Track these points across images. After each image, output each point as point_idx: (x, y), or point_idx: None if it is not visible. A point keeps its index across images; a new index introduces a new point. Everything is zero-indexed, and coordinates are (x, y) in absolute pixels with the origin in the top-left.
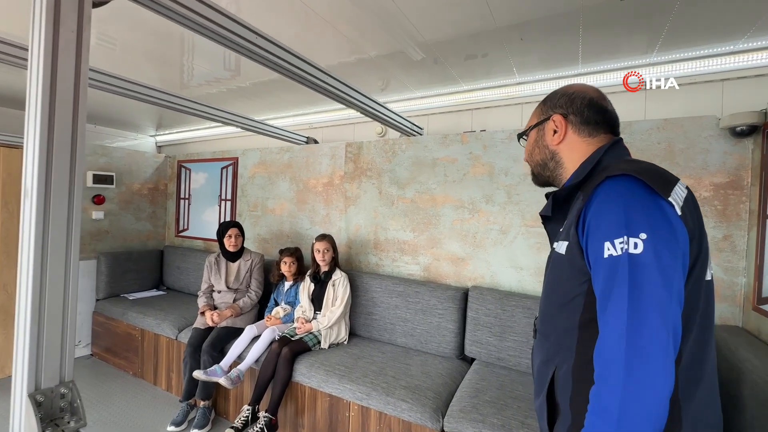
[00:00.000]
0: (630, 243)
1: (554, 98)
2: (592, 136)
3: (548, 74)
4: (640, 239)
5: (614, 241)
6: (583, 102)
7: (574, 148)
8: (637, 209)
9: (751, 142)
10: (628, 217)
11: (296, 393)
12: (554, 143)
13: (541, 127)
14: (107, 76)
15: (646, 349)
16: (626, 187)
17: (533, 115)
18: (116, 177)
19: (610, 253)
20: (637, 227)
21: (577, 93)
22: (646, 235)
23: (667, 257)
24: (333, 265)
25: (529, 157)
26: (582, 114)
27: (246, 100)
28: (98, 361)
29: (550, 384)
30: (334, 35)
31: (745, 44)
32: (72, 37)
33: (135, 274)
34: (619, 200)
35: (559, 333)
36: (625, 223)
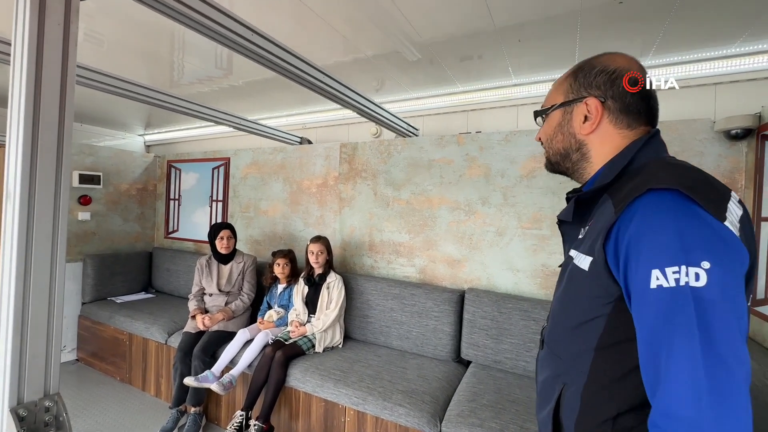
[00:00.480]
0: (690, 274)
1: (589, 73)
2: (630, 128)
3: (544, 76)
4: (702, 269)
5: (665, 270)
6: (621, 81)
7: (606, 140)
8: (694, 232)
9: (745, 145)
10: (683, 242)
11: (290, 398)
12: (584, 132)
13: (569, 108)
14: (94, 73)
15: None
16: (675, 204)
17: (557, 88)
18: (103, 177)
19: (660, 283)
20: (697, 254)
21: (619, 70)
22: (709, 263)
23: (734, 290)
24: (327, 267)
25: (548, 142)
26: (623, 99)
27: (238, 100)
28: (84, 367)
29: (557, 401)
30: (329, 33)
31: (738, 49)
32: (59, 30)
33: (123, 276)
34: (668, 220)
35: (572, 352)
36: (681, 249)
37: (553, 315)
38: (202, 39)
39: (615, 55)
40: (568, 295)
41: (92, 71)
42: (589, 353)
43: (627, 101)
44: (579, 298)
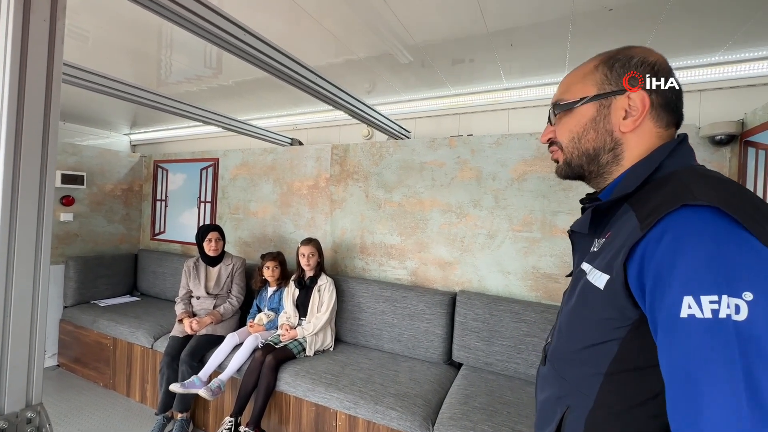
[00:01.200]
0: (730, 305)
1: (628, 63)
2: (667, 128)
3: (535, 81)
4: (743, 300)
5: (700, 299)
6: (669, 77)
7: (643, 139)
8: (736, 258)
9: (729, 151)
10: (724, 269)
11: (281, 403)
12: (625, 129)
13: (606, 102)
14: (78, 70)
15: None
16: (715, 224)
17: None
18: (87, 177)
19: (692, 313)
20: (740, 284)
21: (660, 63)
22: (752, 295)
23: None
24: (318, 269)
25: (575, 142)
26: (665, 94)
27: (228, 99)
28: (65, 373)
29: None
30: (321, 34)
31: (721, 57)
32: (44, 26)
33: (107, 279)
34: (706, 243)
35: (579, 375)
36: (722, 276)
37: (560, 332)
38: (190, 37)
39: (647, 48)
40: (578, 314)
41: (76, 68)
42: (597, 378)
43: (669, 96)
44: (590, 318)
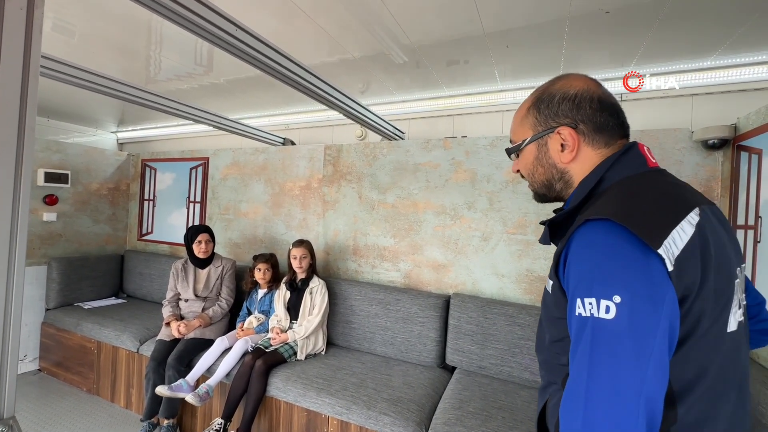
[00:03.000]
0: (601, 306)
1: (551, 103)
2: (608, 146)
3: (530, 83)
4: (613, 302)
5: (584, 300)
6: (592, 105)
7: (586, 162)
8: (614, 265)
9: (721, 155)
10: (602, 275)
11: (271, 408)
12: (564, 161)
13: (542, 141)
14: (63, 65)
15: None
16: (605, 235)
17: (521, 123)
18: (72, 176)
19: (580, 312)
20: (611, 288)
21: (580, 94)
22: (620, 298)
23: (644, 326)
24: (310, 272)
25: (531, 176)
26: (594, 119)
27: (219, 98)
28: (47, 377)
29: (542, 410)
30: (316, 32)
31: (714, 62)
32: (21, 15)
33: (91, 281)
34: (593, 252)
35: (553, 367)
36: (598, 281)
37: (538, 329)
38: (181, 33)
39: (569, 78)
40: (544, 315)
41: (61, 63)
42: (564, 369)
43: (598, 121)
44: (551, 318)
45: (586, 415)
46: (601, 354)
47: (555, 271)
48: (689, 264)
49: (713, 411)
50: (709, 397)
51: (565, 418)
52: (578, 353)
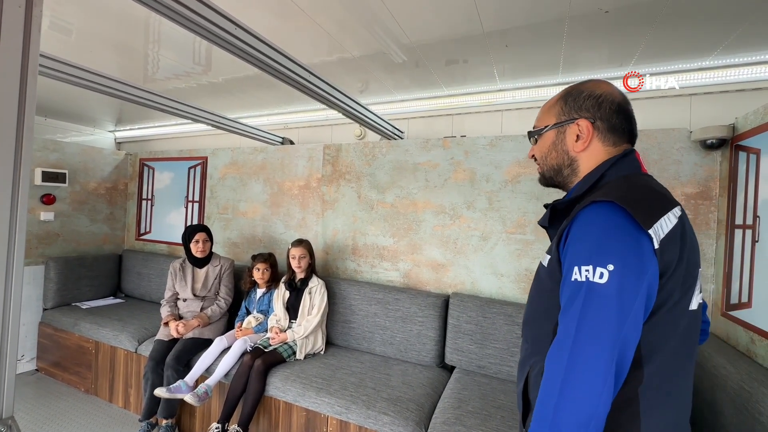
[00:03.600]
0: (596, 272)
1: (578, 98)
2: (615, 146)
3: (529, 82)
4: (607, 270)
5: (581, 268)
6: (612, 107)
7: (593, 156)
8: (612, 240)
9: (719, 155)
10: (599, 247)
11: (270, 408)
12: (577, 150)
13: (562, 129)
14: (60, 63)
15: (584, 375)
16: (607, 215)
17: (548, 111)
18: (69, 175)
19: (576, 277)
20: (607, 258)
21: (605, 96)
22: (613, 266)
23: (629, 292)
24: (309, 271)
25: (543, 159)
26: (610, 120)
27: (218, 97)
28: (44, 377)
29: (525, 382)
30: (315, 31)
31: (712, 62)
32: (20, 13)
33: (89, 280)
34: (595, 228)
35: (536, 337)
36: (595, 252)
37: (526, 306)
38: (179, 31)
39: (599, 82)
40: (535, 288)
41: (58, 62)
42: (548, 338)
43: (613, 122)
44: (541, 291)
45: (570, 356)
46: (591, 311)
47: (557, 245)
48: (670, 246)
49: (673, 379)
50: (670, 364)
51: (550, 362)
52: (570, 311)
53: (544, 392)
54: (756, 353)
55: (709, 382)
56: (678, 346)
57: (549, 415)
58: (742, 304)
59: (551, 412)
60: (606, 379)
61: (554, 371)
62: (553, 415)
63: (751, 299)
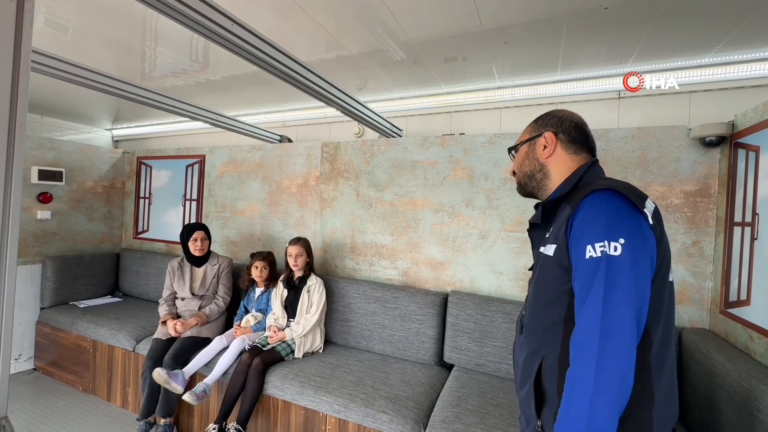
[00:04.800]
0: (610, 246)
1: (546, 119)
2: (576, 154)
3: (527, 80)
4: (619, 243)
5: (595, 245)
6: (571, 124)
7: (560, 162)
8: (619, 218)
9: (718, 152)
10: (609, 225)
11: (268, 406)
12: (544, 156)
13: (533, 141)
14: (56, 61)
15: (617, 335)
16: (610, 199)
17: (525, 132)
18: (66, 173)
19: (591, 254)
20: (618, 233)
21: (565, 116)
22: (624, 240)
23: (640, 260)
24: (307, 270)
25: (519, 168)
26: (570, 134)
27: (215, 95)
28: (42, 377)
29: (537, 373)
30: (313, 28)
31: (711, 59)
32: (11, 7)
33: (87, 279)
34: (603, 210)
35: (547, 327)
36: (607, 230)
37: (530, 300)
38: (176, 28)
39: (562, 110)
40: (540, 280)
41: (54, 59)
42: (560, 325)
43: (573, 135)
44: (547, 279)
45: (603, 320)
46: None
47: (565, 233)
48: (656, 224)
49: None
50: (665, 333)
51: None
52: (594, 285)
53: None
54: (754, 350)
55: (708, 379)
56: (668, 312)
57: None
58: (741, 302)
59: (591, 379)
60: (633, 341)
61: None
62: (595, 380)
63: (749, 297)
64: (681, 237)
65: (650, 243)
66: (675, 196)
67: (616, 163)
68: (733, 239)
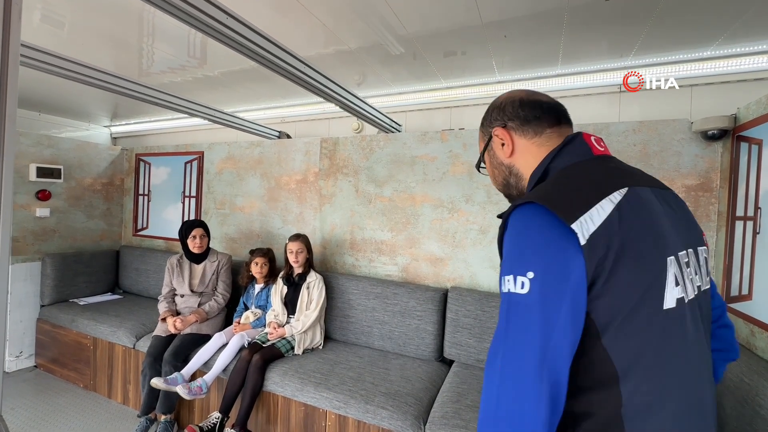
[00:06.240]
0: (517, 282)
1: (488, 116)
2: (538, 135)
3: (528, 74)
4: (527, 278)
5: (504, 278)
6: (514, 105)
7: (526, 153)
8: (529, 245)
9: (720, 146)
10: (519, 254)
11: (268, 403)
12: (507, 156)
13: (490, 147)
14: (53, 57)
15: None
16: (525, 217)
17: (479, 142)
18: (64, 170)
19: (503, 289)
20: (526, 265)
21: (505, 100)
22: (533, 273)
23: (552, 297)
24: (307, 266)
25: (494, 180)
26: (518, 116)
27: (213, 91)
28: (43, 374)
29: None
30: (311, 23)
31: (713, 52)
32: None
33: (86, 277)
34: (514, 234)
35: None
36: (516, 260)
37: None
38: (173, 24)
39: (499, 96)
40: None
41: (51, 55)
42: None
43: (522, 115)
44: None
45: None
46: (515, 326)
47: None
48: (603, 239)
49: (659, 394)
50: (652, 377)
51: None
52: (498, 328)
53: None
54: (756, 345)
55: None
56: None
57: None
58: (743, 297)
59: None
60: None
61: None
62: None
63: (751, 291)
64: None
65: (575, 273)
66: (676, 191)
67: (617, 157)
68: (735, 234)
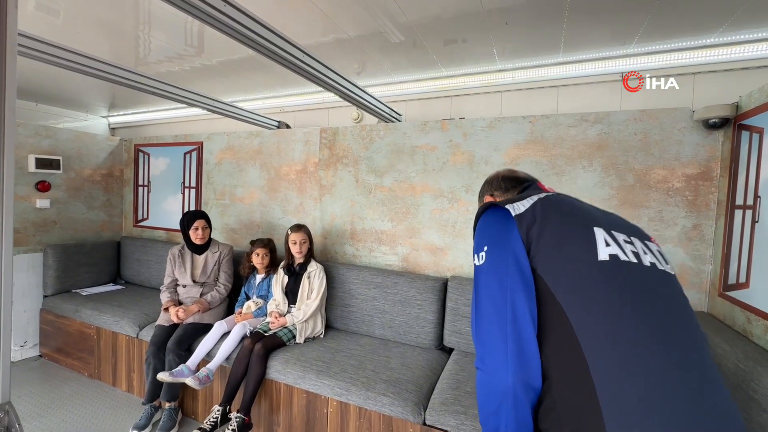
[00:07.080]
0: (479, 257)
1: (481, 191)
2: (510, 192)
3: (529, 62)
4: (484, 251)
5: (474, 257)
6: (497, 179)
7: None
8: (484, 228)
9: (721, 135)
10: (479, 237)
11: (270, 390)
12: None
13: None
14: (48, 46)
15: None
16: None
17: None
18: (63, 161)
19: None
20: (482, 242)
21: (492, 177)
22: (487, 246)
23: (500, 261)
24: (308, 256)
25: None
26: (500, 187)
27: (212, 80)
28: (48, 363)
29: None
30: (310, 11)
31: (717, 39)
32: None
33: (88, 267)
34: (479, 228)
35: None
36: (477, 241)
37: None
38: (170, 12)
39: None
40: None
41: (46, 44)
42: None
43: (503, 186)
44: None
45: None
46: (480, 292)
47: None
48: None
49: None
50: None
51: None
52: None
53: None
54: (752, 333)
55: None
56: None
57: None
58: (740, 285)
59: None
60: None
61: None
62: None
63: (749, 280)
64: (681, 221)
65: (512, 239)
66: (676, 180)
67: (617, 146)
68: (734, 222)
